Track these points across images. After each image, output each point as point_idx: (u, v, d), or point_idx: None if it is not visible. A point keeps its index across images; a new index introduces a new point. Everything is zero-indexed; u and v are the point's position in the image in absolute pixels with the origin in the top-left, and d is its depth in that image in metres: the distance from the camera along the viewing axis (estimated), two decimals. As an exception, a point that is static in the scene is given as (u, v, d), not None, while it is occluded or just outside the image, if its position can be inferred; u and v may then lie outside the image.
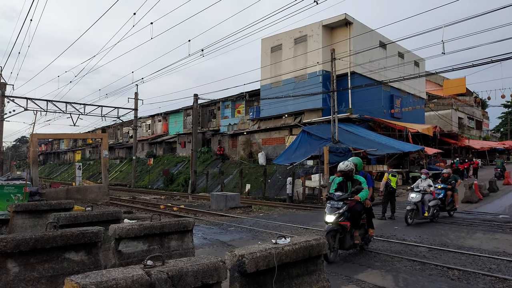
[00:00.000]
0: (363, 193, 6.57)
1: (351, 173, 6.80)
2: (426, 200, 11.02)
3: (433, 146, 27.86)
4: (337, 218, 6.34)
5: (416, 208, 10.85)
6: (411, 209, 10.84)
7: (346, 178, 6.91)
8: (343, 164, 6.84)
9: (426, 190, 11.09)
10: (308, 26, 26.39)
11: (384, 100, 27.43)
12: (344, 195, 6.56)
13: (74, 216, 5.87)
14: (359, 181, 6.77)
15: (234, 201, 16.36)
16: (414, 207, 10.83)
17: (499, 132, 54.95)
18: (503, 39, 18.54)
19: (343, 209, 6.38)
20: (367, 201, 6.83)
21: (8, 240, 3.92)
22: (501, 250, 7.49)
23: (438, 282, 5.42)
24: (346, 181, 6.92)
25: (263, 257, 3.26)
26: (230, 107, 35.18)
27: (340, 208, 6.37)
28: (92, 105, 29.82)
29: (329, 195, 6.68)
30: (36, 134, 20.34)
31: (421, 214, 10.94)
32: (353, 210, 6.51)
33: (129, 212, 14.93)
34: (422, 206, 10.95)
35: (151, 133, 47.31)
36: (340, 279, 5.57)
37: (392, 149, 21.14)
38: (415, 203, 10.84)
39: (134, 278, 2.22)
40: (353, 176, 6.84)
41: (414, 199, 10.90)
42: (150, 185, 34.92)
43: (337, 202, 6.46)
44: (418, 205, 10.87)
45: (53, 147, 75.44)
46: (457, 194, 12.68)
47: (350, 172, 6.80)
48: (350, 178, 6.87)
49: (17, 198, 12.04)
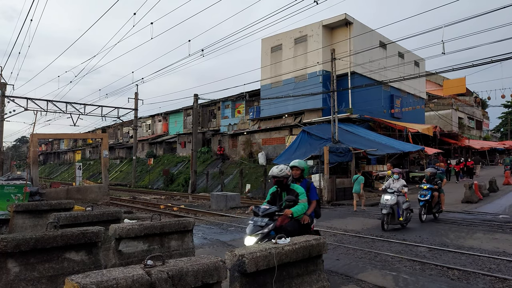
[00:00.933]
0: (298, 207, 4.94)
1: (286, 180, 5.15)
2: (401, 202, 10.04)
3: (433, 146, 27.88)
4: (260, 240, 4.64)
5: (392, 211, 9.88)
6: (387, 213, 9.81)
7: (280, 187, 5.23)
8: (276, 168, 5.16)
9: (400, 191, 10.10)
10: (308, 26, 26.39)
11: (384, 100, 27.43)
12: (271, 208, 4.89)
13: (75, 216, 5.88)
14: (296, 192, 5.10)
15: (234, 201, 16.37)
16: (390, 210, 9.82)
17: (499, 132, 54.94)
18: (503, 39, 18.53)
19: (268, 228, 4.72)
20: (305, 217, 5.08)
21: (8, 240, 3.93)
22: (501, 250, 7.49)
23: (438, 282, 5.42)
24: (281, 191, 5.24)
25: (263, 257, 3.26)
26: (230, 107, 35.17)
27: (264, 227, 4.72)
28: (92, 105, 29.87)
29: (253, 210, 5.03)
30: (36, 134, 20.35)
31: (396, 218, 9.97)
32: (283, 230, 4.77)
33: (129, 212, 14.94)
34: (398, 209, 9.99)
35: (151, 133, 47.31)
36: (340, 279, 5.57)
37: (392, 149, 21.14)
38: (391, 206, 9.81)
39: (135, 277, 2.22)
40: (289, 184, 5.19)
41: (389, 202, 9.80)
42: (150, 185, 34.92)
43: (262, 218, 4.80)
44: (394, 208, 9.90)
45: (53, 147, 75.45)
46: (443, 195, 11.93)
47: (285, 180, 5.13)
48: (285, 188, 5.19)
49: (18, 198, 12.05)
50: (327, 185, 18.16)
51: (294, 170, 5.50)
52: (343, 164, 20.45)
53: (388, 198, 9.88)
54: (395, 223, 10.03)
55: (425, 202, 11.09)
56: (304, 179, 5.56)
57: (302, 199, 5.03)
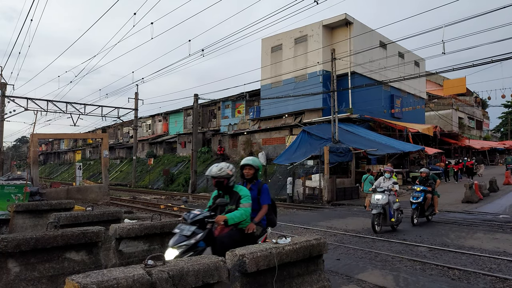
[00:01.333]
0: (237, 212, 4.08)
1: (227, 181, 4.29)
2: (391, 202, 9.43)
3: (433, 146, 27.89)
4: (183, 254, 3.73)
5: (384, 212, 9.23)
6: (377, 213, 9.15)
7: (221, 190, 4.41)
8: (216, 166, 4.32)
9: (391, 189, 9.53)
10: (308, 26, 26.39)
11: (384, 100, 27.43)
12: (201, 214, 3.99)
13: (75, 216, 5.88)
14: (238, 194, 4.28)
15: (235, 201, 16.34)
16: (382, 210, 9.16)
17: (500, 132, 54.94)
18: (503, 39, 18.55)
19: (195, 238, 3.85)
20: (251, 225, 4.24)
21: (9, 240, 3.93)
22: (502, 250, 7.49)
23: (438, 282, 5.42)
24: (223, 194, 4.42)
25: (263, 256, 3.26)
26: (230, 107, 35.19)
27: (191, 237, 3.83)
28: (93, 105, 29.87)
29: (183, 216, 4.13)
30: (36, 134, 20.35)
31: (388, 219, 9.33)
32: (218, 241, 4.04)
33: (129, 212, 14.94)
34: (389, 209, 9.36)
35: (151, 133, 47.32)
36: (340, 279, 5.57)
37: (392, 149, 21.15)
38: (382, 206, 9.16)
39: (135, 277, 2.22)
40: (231, 186, 4.36)
41: (380, 201, 9.13)
42: (150, 185, 34.93)
43: (189, 226, 3.90)
44: (385, 209, 9.24)
45: (53, 147, 75.46)
46: (437, 197, 11.26)
47: (225, 181, 4.28)
48: (226, 190, 4.37)
49: (18, 198, 12.05)
50: (327, 185, 18.16)
51: (247, 169, 4.64)
52: (343, 164, 20.46)
53: (379, 197, 9.24)
54: (386, 224, 9.42)
55: (417, 204, 10.45)
56: (257, 181, 4.73)
57: (244, 203, 4.20)
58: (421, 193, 10.47)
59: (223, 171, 4.27)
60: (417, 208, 10.51)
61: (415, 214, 10.48)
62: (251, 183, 4.67)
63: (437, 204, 11.44)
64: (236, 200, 4.26)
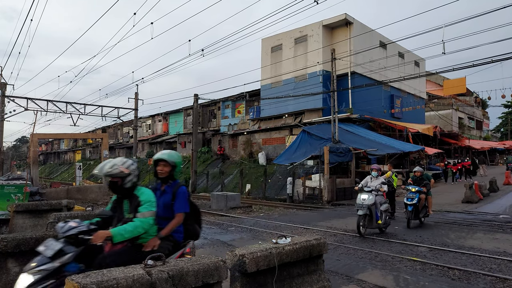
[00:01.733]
0: (129, 226, 3.16)
1: (122, 181, 3.37)
2: (378, 203, 8.95)
3: (433, 146, 27.87)
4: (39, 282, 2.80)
5: (370, 213, 8.75)
6: (363, 214, 8.70)
7: (117, 192, 3.49)
8: (109, 162, 3.44)
9: (379, 189, 9.05)
10: (308, 26, 26.39)
11: (384, 100, 27.43)
12: (80, 225, 3.09)
13: (75, 216, 5.87)
14: (138, 200, 3.36)
15: (235, 201, 16.36)
16: (368, 211, 8.68)
17: (500, 132, 54.94)
18: (503, 39, 18.56)
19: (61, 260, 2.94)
20: (153, 241, 3.36)
21: (8, 240, 3.93)
22: (502, 250, 7.48)
23: (438, 282, 5.42)
24: (122, 198, 3.49)
25: (263, 256, 3.26)
26: (230, 107, 35.19)
27: (54, 259, 2.92)
28: (92, 105, 29.85)
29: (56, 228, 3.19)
30: (36, 134, 20.36)
31: (374, 221, 8.84)
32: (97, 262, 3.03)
33: (129, 212, 14.90)
34: (376, 211, 8.86)
35: (151, 133, 47.33)
36: (340, 279, 5.57)
37: (392, 149, 21.14)
38: (368, 207, 8.67)
39: (135, 277, 2.22)
40: (129, 188, 3.43)
41: (366, 202, 8.65)
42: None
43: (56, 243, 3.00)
44: (372, 209, 8.74)
45: (53, 147, 75.47)
46: (431, 197, 10.78)
47: (119, 181, 3.36)
48: (124, 193, 3.45)
49: (18, 198, 12.06)
50: (327, 185, 18.16)
51: (161, 165, 3.77)
52: (343, 164, 20.45)
53: (365, 197, 8.75)
54: (372, 226, 8.93)
55: (413, 206, 9.96)
56: (174, 181, 3.85)
57: (143, 211, 3.27)
58: (415, 194, 10.02)
59: (115, 168, 3.34)
60: (413, 210, 10.03)
61: (412, 217, 10.06)
62: (166, 183, 3.80)
63: (431, 205, 10.98)
64: (134, 207, 3.34)
